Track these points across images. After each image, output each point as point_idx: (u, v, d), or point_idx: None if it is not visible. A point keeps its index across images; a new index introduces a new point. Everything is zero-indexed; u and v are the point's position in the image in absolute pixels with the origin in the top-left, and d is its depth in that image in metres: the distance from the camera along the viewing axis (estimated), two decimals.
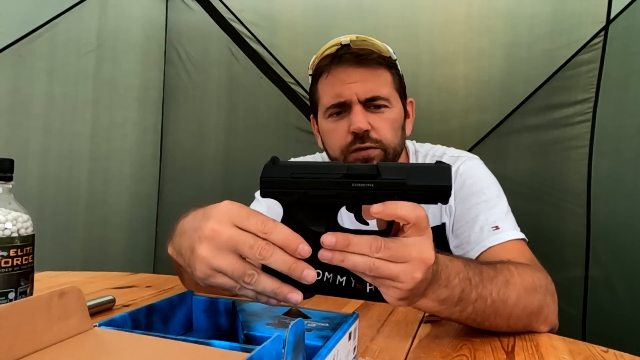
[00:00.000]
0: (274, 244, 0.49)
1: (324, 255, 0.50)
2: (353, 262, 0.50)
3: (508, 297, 0.65)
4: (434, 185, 0.51)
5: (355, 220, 0.55)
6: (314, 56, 0.99)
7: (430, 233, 0.53)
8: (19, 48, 1.65)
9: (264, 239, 0.49)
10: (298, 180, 0.52)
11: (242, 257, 0.50)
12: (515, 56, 1.76)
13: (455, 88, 1.82)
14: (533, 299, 0.68)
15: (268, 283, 0.49)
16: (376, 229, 0.54)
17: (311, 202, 0.51)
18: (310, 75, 1.01)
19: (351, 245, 0.50)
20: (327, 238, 0.50)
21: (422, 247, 0.51)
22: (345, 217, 1.01)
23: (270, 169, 0.53)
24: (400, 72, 0.99)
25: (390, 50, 0.96)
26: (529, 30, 1.74)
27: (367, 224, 0.55)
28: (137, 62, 2.07)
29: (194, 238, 0.52)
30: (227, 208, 0.51)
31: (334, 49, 0.94)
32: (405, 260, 0.51)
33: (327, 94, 0.94)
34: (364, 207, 0.52)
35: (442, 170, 0.52)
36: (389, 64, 0.95)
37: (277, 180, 0.52)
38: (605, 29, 1.65)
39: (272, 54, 1.99)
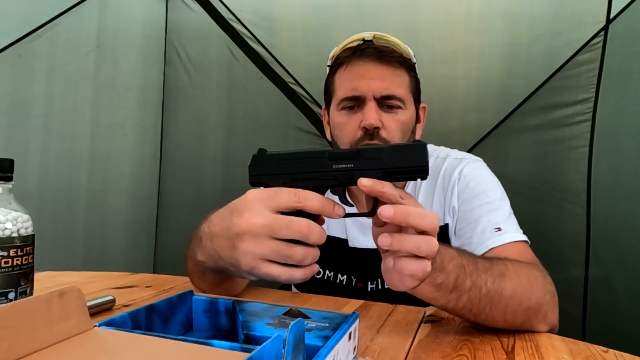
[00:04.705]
0: (309, 211, 0.52)
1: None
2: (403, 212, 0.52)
3: (503, 289, 0.65)
4: (412, 165, 0.54)
5: (340, 201, 0.57)
6: (334, 48, 0.99)
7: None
8: (18, 48, 1.65)
9: (299, 218, 0.51)
10: (283, 166, 0.55)
11: (282, 239, 0.52)
12: (515, 56, 1.76)
13: (455, 88, 1.82)
14: (530, 295, 0.68)
15: (316, 250, 0.53)
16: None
17: (297, 186, 0.54)
18: (328, 66, 1.00)
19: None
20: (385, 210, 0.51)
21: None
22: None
23: (258, 158, 0.57)
24: (418, 76, 0.99)
25: (411, 52, 0.96)
26: (529, 30, 1.74)
27: (352, 205, 0.57)
28: (137, 62, 2.06)
29: (231, 236, 0.53)
30: (254, 196, 0.53)
31: (355, 43, 0.94)
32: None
33: (343, 86, 0.94)
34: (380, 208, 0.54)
35: (418, 149, 0.54)
36: (408, 65, 0.95)
37: (263, 168, 0.56)
38: (605, 28, 1.65)
39: (272, 54, 1.99)
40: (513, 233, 0.87)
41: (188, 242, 0.74)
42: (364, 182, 0.52)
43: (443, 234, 0.96)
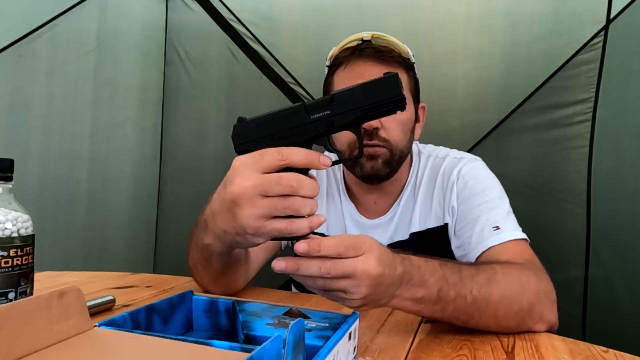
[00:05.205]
0: (296, 166, 0.52)
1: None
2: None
3: (490, 295, 0.65)
4: (387, 98, 0.54)
5: (326, 150, 0.58)
6: (333, 48, 0.99)
7: (374, 251, 0.54)
8: (19, 48, 1.65)
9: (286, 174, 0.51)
10: (263, 129, 0.56)
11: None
12: (515, 56, 1.76)
13: (455, 88, 1.82)
14: (520, 297, 0.68)
15: (313, 200, 0.53)
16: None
17: (280, 145, 0.54)
18: (327, 66, 1.00)
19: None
20: (277, 263, 0.52)
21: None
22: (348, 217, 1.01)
23: (238, 127, 0.58)
24: (417, 76, 0.99)
25: (410, 52, 0.96)
26: (528, 30, 1.74)
27: (339, 152, 0.58)
28: (137, 62, 2.06)
29: (228, 206, 0.54)
30: (241, 162, 0.54)
31: (354, 43, 0.94)
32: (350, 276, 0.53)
33: (342, 86, 0.94)
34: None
35: (390, 80, 0.54)
36: (407, 65, 0.95)
37: (245, 135, 0.57)
38: (605, 28, 1.65)
39: (272, 54, 1.99)
40: (511, 232, 0.86)
41: (190, 235, 0.75)
42: (300, 249, 0.51)
43: (443, 234, 0.97)
